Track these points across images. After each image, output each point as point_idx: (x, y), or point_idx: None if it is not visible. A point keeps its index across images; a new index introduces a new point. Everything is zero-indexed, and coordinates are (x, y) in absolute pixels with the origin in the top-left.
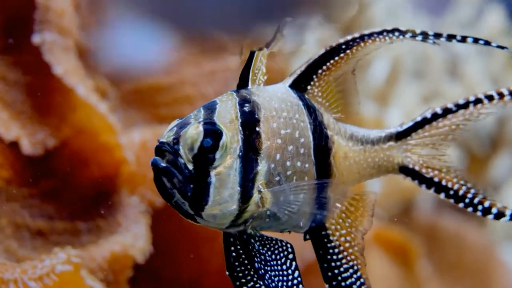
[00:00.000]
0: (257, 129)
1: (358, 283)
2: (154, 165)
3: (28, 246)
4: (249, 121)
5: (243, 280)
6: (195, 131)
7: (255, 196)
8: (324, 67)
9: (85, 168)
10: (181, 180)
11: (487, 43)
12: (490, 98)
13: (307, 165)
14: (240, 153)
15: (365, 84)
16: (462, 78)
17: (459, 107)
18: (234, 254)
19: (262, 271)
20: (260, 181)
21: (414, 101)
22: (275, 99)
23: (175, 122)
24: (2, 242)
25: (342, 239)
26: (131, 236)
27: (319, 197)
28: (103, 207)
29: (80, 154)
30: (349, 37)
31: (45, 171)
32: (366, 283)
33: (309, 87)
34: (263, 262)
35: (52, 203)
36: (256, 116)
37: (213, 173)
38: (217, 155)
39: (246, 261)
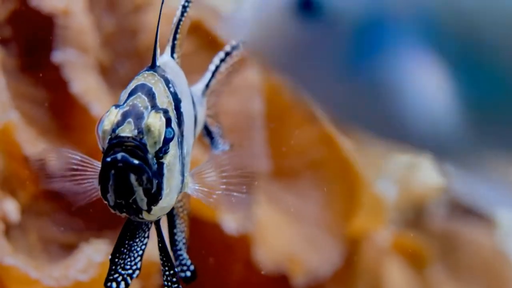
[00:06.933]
0: (181, 110)
1: (184, 246)
2: (125, 162)
3: (59, 261)
4: (178, 104)
5: (118, 266)
6: (160, 122)
7: (185, 182)
8: (179, 31)
9: None
10: (150, 176)
11: None
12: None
13: (192, 140)
14: (179, 140)
15: None
16: None
17: (233, 48)
18: (124, 239)
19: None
20: (184, 165)
21: None
22: (176, 75)
23: (118, 110)
24: (36, 259)
25: (180, 204)
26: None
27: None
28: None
29: None
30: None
31: None
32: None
33: (174, 55)
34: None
35: (79, 216)
36: (179, 97)
37: (165, 164)
38: (171, 145)
39: (129, 249)
